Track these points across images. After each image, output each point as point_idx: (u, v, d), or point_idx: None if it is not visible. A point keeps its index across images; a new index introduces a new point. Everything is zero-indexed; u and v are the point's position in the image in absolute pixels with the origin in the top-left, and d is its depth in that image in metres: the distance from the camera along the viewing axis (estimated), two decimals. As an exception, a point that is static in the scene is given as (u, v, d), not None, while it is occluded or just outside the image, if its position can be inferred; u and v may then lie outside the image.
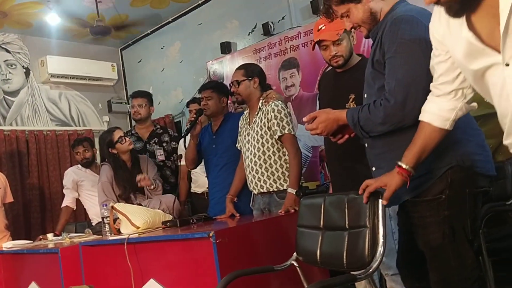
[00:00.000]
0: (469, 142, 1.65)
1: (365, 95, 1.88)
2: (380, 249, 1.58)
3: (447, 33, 1.30)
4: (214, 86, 3.24)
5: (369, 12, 1.75)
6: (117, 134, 3.32)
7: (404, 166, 1.54)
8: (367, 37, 1.84)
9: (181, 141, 3.53)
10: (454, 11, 1.20)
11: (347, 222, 1.72)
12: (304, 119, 1.88)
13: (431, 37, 1.40)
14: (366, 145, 1.86)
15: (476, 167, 1.63)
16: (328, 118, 1.82)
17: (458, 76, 1.41)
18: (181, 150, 3.68)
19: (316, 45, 2.40)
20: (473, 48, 1.19)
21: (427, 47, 1.48)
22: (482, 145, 1.68)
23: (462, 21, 1.20)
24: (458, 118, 1.51)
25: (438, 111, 1.49)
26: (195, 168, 3.42)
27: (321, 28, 2.31)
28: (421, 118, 1.54)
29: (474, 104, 1.49)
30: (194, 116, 3.09)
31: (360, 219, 1.66)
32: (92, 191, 3.81)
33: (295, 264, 1.97)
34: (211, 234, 1.99)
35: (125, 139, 3.33)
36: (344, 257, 1.69)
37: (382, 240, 1.59)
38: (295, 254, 1.98)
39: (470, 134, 1.66)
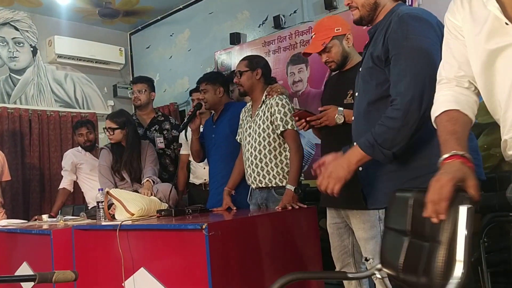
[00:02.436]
0: None
1: (356, 93, 1.85)
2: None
3: (468, 16, 1.26)
4: (208, 77, 3.18)
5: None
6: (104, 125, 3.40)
7: (466, 154, 1.22)
8: (356, 22, 1.81)
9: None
10: None
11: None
12: (314, 166, 1.67)
13: (449, 25, 1.33)
14: (352, 118, 1.86)
15: None
16: (338, 163, 1.59)
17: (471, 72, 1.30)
18: (181, 139, 3.64)
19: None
20: (496, 24, 1.16)
21: (437, 44, 1.49)
22: (475, 150, 1.67)
23: None
24: None
25: (467, 103, 1.32)
26: (202, 161, 3.39)
27: (312, 36, 2.34)
28: (449, 107, 1.31)
29: None
30: (192, 110, 3.05)
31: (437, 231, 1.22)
32: (91, 174, 3.79)
33: (378, 276, 1.49)
34: (204, 226, 1.94)
35: (109, 131, 3.32)
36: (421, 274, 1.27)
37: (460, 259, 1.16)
38: (378, 263, 1.51)
39: None
